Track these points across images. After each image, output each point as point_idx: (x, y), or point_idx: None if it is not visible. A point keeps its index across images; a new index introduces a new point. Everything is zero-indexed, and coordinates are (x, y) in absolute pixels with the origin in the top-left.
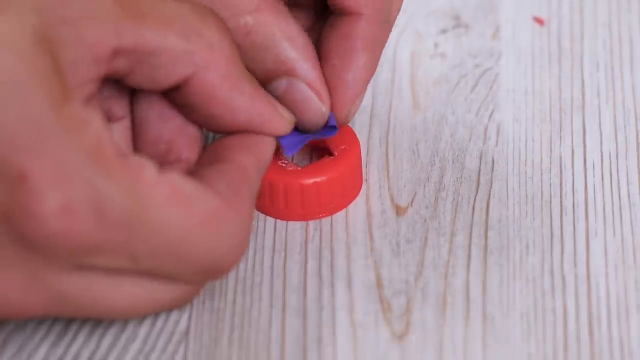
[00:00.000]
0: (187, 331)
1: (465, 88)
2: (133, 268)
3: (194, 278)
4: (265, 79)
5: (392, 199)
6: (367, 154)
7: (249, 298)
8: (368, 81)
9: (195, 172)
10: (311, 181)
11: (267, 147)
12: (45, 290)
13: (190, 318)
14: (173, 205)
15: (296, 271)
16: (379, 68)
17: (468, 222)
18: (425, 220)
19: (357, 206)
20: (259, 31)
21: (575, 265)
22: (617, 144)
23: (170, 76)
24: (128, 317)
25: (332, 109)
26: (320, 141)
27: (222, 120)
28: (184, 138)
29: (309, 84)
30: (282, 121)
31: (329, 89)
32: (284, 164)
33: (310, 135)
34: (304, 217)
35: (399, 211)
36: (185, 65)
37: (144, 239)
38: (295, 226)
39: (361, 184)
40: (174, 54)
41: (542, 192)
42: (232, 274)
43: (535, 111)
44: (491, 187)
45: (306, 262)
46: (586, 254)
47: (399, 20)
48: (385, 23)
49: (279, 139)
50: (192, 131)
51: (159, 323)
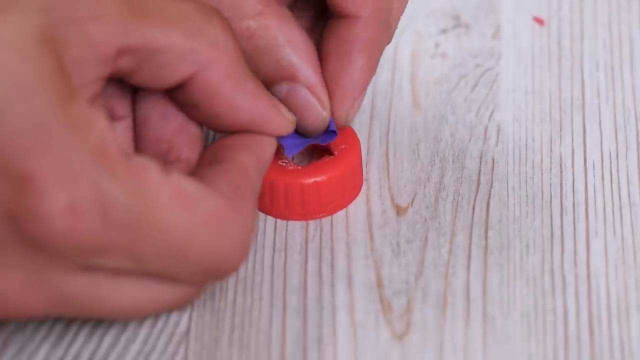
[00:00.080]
0: (187, 331)
1: (465, 88)
2: (137, 269)
3: (196, 279)
4: (267, 82)
5: (393, 199)
6: (368, 153)
7: (249, 298)
8: (367, 84)
9: (196, 172)
10: (311, 181)
11: (268, 147)
12: (48, 290)
13: (190, 318)
14: (177, 206)
15: (296, 271)
16: (379, 68)
17: (468, 222)
18: (426, 220)
19: (357, 206)
20: (261, 35)
21: (576, 265)
22: (617, 143)
23: (175, 74)
24: (130, 317)
25: (331, 112)
26: None
27: (225, 119)
28: (185, 137)
29: (310, 89)
30: (284, 121)
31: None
32: (284, 164)
33: (311, 139)
34: (304, 216)
35: (399, 211)
36: (190, 63)
37: (148, 240)
38: (296, 226)
39: (361, 183)
40: (179, 52)
41: (542, 192)
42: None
43: (536, 111)
44: (491, 187)
45: (306, 261)
46: (586, 253)
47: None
48: (385, 25)
49: (280, 139)
50: (193, 130)
51: (160, 324)
